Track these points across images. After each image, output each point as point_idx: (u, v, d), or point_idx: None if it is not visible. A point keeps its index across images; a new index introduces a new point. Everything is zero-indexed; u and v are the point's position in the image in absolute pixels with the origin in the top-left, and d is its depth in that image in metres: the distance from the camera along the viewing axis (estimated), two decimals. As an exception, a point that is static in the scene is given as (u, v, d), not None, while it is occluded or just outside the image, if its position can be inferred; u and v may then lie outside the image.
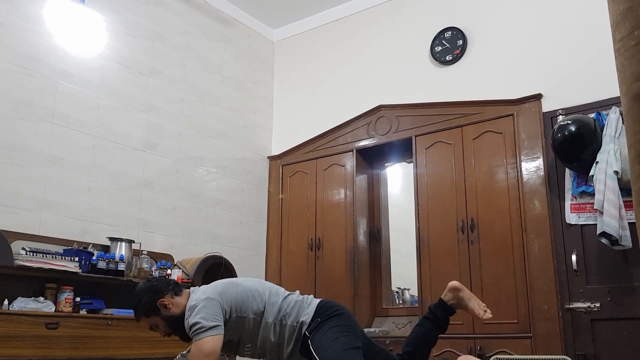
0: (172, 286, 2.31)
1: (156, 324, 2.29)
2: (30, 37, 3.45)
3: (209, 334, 2.07)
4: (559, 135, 3.25)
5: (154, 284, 2.31)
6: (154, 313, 2.26)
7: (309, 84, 5.05)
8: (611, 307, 3.22)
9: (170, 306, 2.25)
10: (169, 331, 2.30)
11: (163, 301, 2.25)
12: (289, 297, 2.34)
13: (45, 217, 3.34)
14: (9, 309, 2.77)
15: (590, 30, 3.57)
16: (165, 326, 2.28)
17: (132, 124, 3.95)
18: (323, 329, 2.20)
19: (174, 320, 2.25)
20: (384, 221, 4.50)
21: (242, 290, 2.26)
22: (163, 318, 2.26)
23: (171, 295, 2.27)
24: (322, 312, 2.26)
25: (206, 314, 2.10)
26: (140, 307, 2.28)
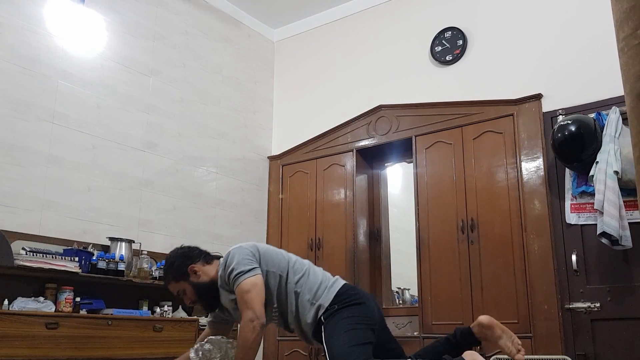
0: (204, 255, 2.36)
1: (184, 289, 2.32)
2: (30, 37, 3.45)
3: (246, 276, 2.15)
4: (559, 135, 3.26)
5: (187, 250, 2.36)
6: (183, 278, 2.30)
7: (309, 84, 5.05)
8: (611, 307, 3.22)
9: (200, 273, 2.29)
10: (195, 298, 2.33)
11: (194, 267, 2.29)
12: (313, 270, 2.32)
13: (45, 217, 3.34)
14: (9, 309, 2.77)
15: (590, 30, 3.57)
16: (192, 292, 2.31)
17: (132, 124, 3.95)
18: (337, 317, 2.17)
19: (201, 288, 2.29)
20: (384, 221, 4.50)
21: (271, 249, 2.34)
22: (191, 284, 2.29)
23: (202, 263, 2.32)
24: (341, 299, 2.21)
25: (241, 260, 2.18)
26: (170, 271, 2.33)
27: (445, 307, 3.72)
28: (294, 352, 4.30)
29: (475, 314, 3.59)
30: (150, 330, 3.25)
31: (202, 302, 2.34)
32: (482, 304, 3.58)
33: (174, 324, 3.41)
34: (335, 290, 2.25)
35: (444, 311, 3.71)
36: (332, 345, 2.10)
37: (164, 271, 2.39)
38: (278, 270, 2.27)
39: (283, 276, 2.27)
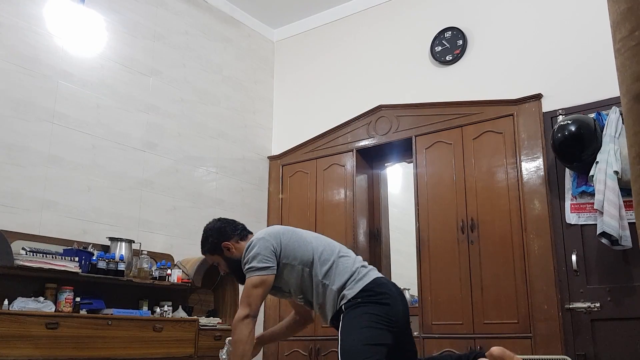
0: (239, 231, 2.45)
1: (218, 262, 2.47)
2: (30, 37, 3.45)
3: (258, 273, 2.24)
4: (559, 135, 3.25)
5: (223, 226, 2.45)
6: (218, 252, 2.43)
7: (309, 84, 5.05)
8: (611, 307, 3.22)
9: (233, 250, 2.40)
10: (228, 271, 2.48)
11: (227, 244, 2.41)
12: (343, 260, 2.29)
13: (45, 217, 3.34)
14: (9, 309, 2.77)
15: (590, 30, 3.57)
16: (226, 266, 2.45)
17: (132, 124, 3.95)
18: (358, 310, 2.15)
19: (233, 263, 2.41)
20: (384, 221, 4.50)
21: (297, 239, 2.33)
22: (224, 259, 2.43)
23: (236, 240, 2.42)
24: (366, 294, 2.18)
25: (259, 254, 2.24)
26: (206, 245, 2.46)
27: (445, 307, 3.72)
28: (294, 352, 4.30)
29: (475, 314, 3.60)
30: (150, 330, 3.25)
31: (234, 275, 2.47)
32: (482, 304, 3.58)
33: (174, 324, 3.41)
34: (363, 284, 2.21)
35: (444, 311, 3.71)
36: (345, 338, 2.10)
37: (201, 243, 2.49)
38: (300, 264, 2.29)
39: (306, 269, 2.28)
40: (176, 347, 3.37)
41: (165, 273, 3.57)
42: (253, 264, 2.24)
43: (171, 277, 3.60)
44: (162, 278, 3.55)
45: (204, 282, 3.77)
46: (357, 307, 2.16)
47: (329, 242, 2.39)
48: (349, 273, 2.24)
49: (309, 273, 2.28)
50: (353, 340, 2.07)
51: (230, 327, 3.81)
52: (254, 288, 2.24)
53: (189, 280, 3.65)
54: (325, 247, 2.33)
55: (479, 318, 3.57)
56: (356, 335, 2.08)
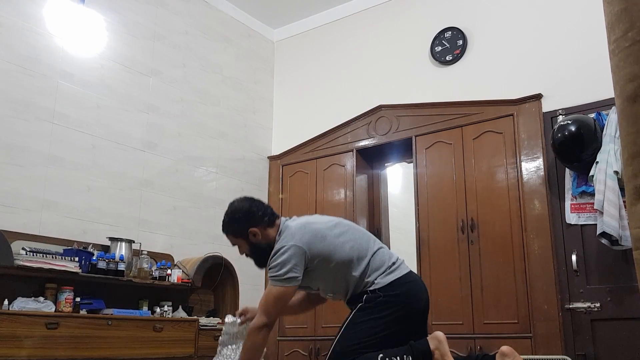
0: (267, 217, 2.32)
1: (240, 245, 2.37)
2: (30, 37, 3.46)
3: (283, 284, 2.16)
4: (559, 135, 3.25)
5: (253, 211, 2.32)
6: (242, 236, 2.33)
7: (309, 84, 5.05)
8: (611, 307, 3.22)
9: (259, 236, 2.30)
10: (250, 255, 2.37)
11: (254, 230, 2.30)
12: (379, 255, 2.27)
13: (45, 217, 3.34)
14: (9, 309, 2.77)
15: (590, 30, 3.57)
16: (248, 249, 2.35)
17: (132, 124, 3.96)
18: (375, 310, 2.16)
19: (256, 248, 2.32)
20: (384, 221, 4.50)
21: (331, 242, 2.23)
22: (248, 243, 2.33)
23: (264, 226, 2.31)
24: (391, 291, 2.18)
25: (288, 263, 2.16)
26: (231, 226, 2.35)
27: (445, 307, 3.72)
28: (294, 352, 4.31)
29: (475, 314, 3.60)
30: (150, 330, 3.25)
31: (254, 259, 2.38)
32: (482, 304, 3.58)
33: (174, 324, 3.41)
34: (394, 277, 2.22)
35: (444, 311, 3.71)
36: (348, 334, 2.15)
37: (225, 222, 2.37)
38: (335, 267, 2.23)
39: (342, 270, 2.23)
40: (176, 347, 3.37)
41: (165, 273, 3.57)
42: (280, 273, 2.16)
43: (171, 277, 3.60)
44: (162, 278, 3.55)
45: (204, 282, 3.78)
46: (375, 306, 2.17)
47: (362, 236, 2.32)
48: (383, 267, 2.23)
49: (344, 273, 2.24)
50: (353, 340, 2.12)
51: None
52: (276, 299, 2.18)
53: (189, 280, 3.65)
54: (360, 245, 2.27)
55: (479, 318, 3.57)
56: (359, 336, 2.12)
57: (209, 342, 3.58)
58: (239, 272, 4.02)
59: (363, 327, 2.15)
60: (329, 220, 2.35)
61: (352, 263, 2.23)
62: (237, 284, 3.98)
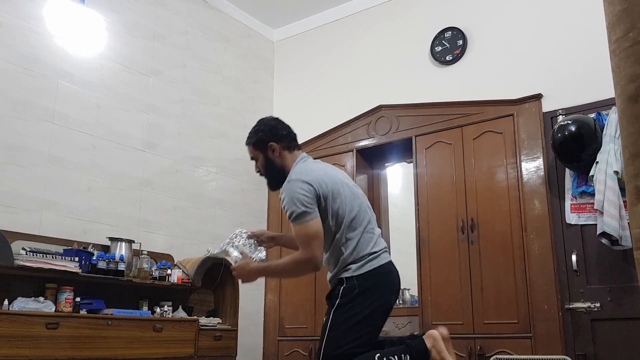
0: (289, 140, 2.42)
1: (257, 157, 2.44)
2: (30, 37, 3.46)
3: (309, 217, 2.19)
4: (559, 135, 3.25)
5: (278, 127, 2.43)
6: (262, 149, 2.41)
7: (309, 84, 5.05)
8: (611, 307, 3.22)
9: (277, 153, 2.39)
10: (263, 171, 2.45)
11: (274, 145, 2.38)
12: (366, 237, 2.29)
13: (45, 217, 3.34)
14: (9, 309, 2.77)
15: (590, 30, 3.57)
16: (263, 165, 2.43)
17: (132, 124, 3.96)
18: (354, 303, 2.18)
19: (271, 165, 2.41)
20: (384, 221, 4.50)
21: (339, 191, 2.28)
22: (265, 158, 2.41)
23: (284, 146, 2.40)
24: (368, 280, 2.21)
25: (304, 199, 2.20)
26: (254, 137, 2.44)
27: (445, 307, 3.72)
28: (294, 352, 4.31)
29: (475, 314, 3.60)
30: (150, 330, 3.25)
31: (267, 177, 2.46)
32: (482, 304, 3.58)
33: (174, 324, 3.41)
34: (374, 265, 2.24)
35: (444, 311, 3.71)
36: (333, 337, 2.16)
37: (250, 132, 2.47)
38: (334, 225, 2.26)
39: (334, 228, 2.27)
40: (176, 347, 3.37)
41: (165, 273, 3.57)
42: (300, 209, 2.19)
43: (171, 277, 3.60)
44: (162, 278, 3.55)
45: (204, 282, 3.78)
46: (353, 300, 2.19)
47: (363, 208, 2.35)
48: (365, 252, 2.26)
49: (334, 233, 2.28)
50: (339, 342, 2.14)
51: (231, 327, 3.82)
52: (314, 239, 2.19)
53: (189, 280, 3.65)
54: (357, 214, 2.30)
55: (479, 318, 3.57)
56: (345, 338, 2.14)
57: (209, 342, 3.59)
58: (239, 272, 4.01)
59: (346, 326, 2.16)
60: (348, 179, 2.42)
61: (345, 227, 2.26)
62: (237, 284, 3.97)
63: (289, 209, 2.24)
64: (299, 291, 4.44)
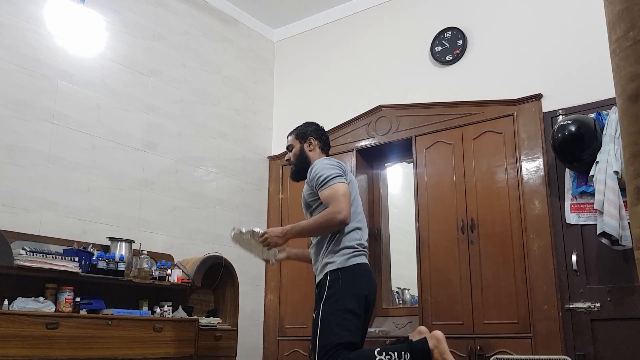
0: (326, 144, 2.79)
1: (294, 146, 2.78)
2: (30, 37, 3.46)
3: (339, 180, 2.43)
4: (559, 135, 3.25)
5: (322, 132, 2.81)
6: (301, 140, 2.76)
7: (309, 84, 5.05)
8: (611, 307, 3.22)
9: (313, 148, 2.74)
10: (293, 159, 2.78)
11: (312, 139, 2.75)
12: (355, 233, 2.50)
13: (45, 217, 3.34)
14: (9, 309, 2.77)
15: (590, 30, 3.57)
16: (296, 154, 2.76)
17: (132, 124, 3.96)
18: (340, 294, 2.33)
19: (302, 156, 2.74)
20: (384, 221, 4.50)
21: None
22: (301, 149, 2.75)
23: (321, 145, 2.76)
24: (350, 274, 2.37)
25: (333, 168, 2.49)
26: (300, 128, 2.81)
27: (445, 307, 3.72)
28: (294, 352, 4.31)
29: (475, 314, 3.60)
30: (150, 330, 3.25)
31: (294, 166, 2.77)
32: (482, 304, 3.58)
33: (174, 324, 3.41)
34: (350, 263, 2.41)
35: (444, 311, 3.71)
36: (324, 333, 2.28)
37: (299, 125, 2.83)
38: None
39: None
40: (176, 347, 3.37)
41: (165, 273, 3.57)
42: (331, 173, 2.43)
43: (171, 277, 3.60)
44: (162, 278, 3.55)
45: (204, 282, 3.78)
46: (336, 293, 2.34)
47: (360, 209, 2.59)
48: (350, 247, 2.44)
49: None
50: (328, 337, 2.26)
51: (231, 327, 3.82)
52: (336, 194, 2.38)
53: (189, 280, 3.65)
54: (354, 211, 2.52)
55: (479, 318, 3.57)
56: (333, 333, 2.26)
57: (209, 342, 3.59)
58: (239, 272, 4.02)
59: (337, 316, 2.29)
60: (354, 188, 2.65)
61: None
62: (237, 284, 3.98)
63: (319, 176, 2.45)
64: (299, 291, 4.44)
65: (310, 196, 2.57)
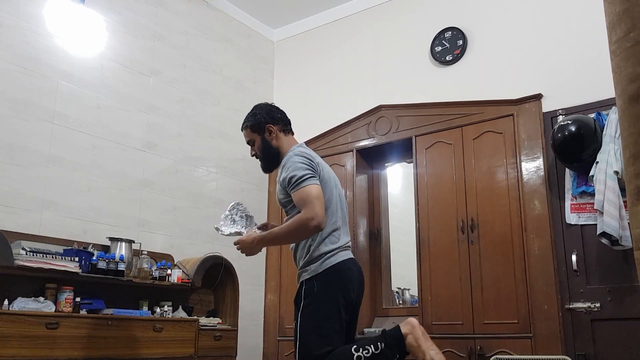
0: (284, 123, 2.51)
1: (254, 140, 2.52)
2: (30, 37, 3.46)
3: (311, 181, 2.22)
4: (559, 136, 3.25)
5: (274, 111, 2.52)
6: (259, 131, 2.49)
7: (309, 84, 5.04)
8: (611, 307, 3.22)
9: (274, 135, 2.47)
10: (259, 154, 2.53)
11: (271, 127, 2.47)
12: (334, 235, 2.33)
13: (45, 217, 3.34)
14: (9, 309, 2.77)
15: (590, 30, 3.57)
16: (260, 147, 2.50)
17: (132, 124, 3.96)
18: (316, 303, 2.22)
19: (268, 147, 2.48)
20: (384, 221, 4.50)
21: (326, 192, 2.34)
22: (262, 140, 2.49)
23: (280, 129, 2.48)
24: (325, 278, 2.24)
25: (305, 166, 2.27)
26: (250, 120, 2.51)
27: (445, 307, 3.72)
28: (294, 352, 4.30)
29: (475, 314, 3.60)
30: (150, 330, 3.25)
31: (263, 160, 2.54)
32: (482, 304, 3.58)
33: (174, 324, 3.41)
34: (328, 265, 2.27)
35: (444, 311, 3.71)
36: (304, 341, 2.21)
37: (246, 116, 2.54)
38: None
39: None
40: (176, 347, 3.37)
41: (165, 273, 3.57)
42: (304, 174, 2.23)
43: (171, 277, 3.60)
44: (162, 278, 3.55)
45: (204, 282, 3.78)
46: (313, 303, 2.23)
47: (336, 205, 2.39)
48: (323, 251, 2.28)
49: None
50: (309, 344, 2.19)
51: (231, 327, 3.82)
52: (309, 196, 2.20)
53: (189, 280, 3.65)
54: (330, 209, 2.34)
55: (479, 318, 3.57)
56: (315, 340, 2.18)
57: (209, 342, 3.59)
58: (239, 272, 4.02)
59: (315, 326, 2.19)
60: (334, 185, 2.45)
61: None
62: (237, 284, 3.98)
63: (290, 177, 2.25)
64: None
65: (284, 196, 2.38)
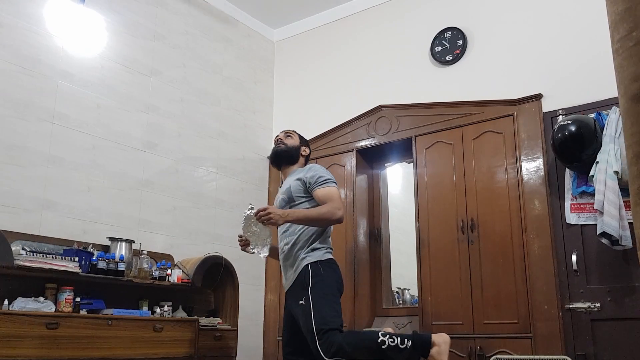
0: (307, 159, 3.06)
1: (293, 139, 3.01)
2: (30, 37, 3.46)
3: (336, 185, 2.74)
4: (559, 136, 3.25)
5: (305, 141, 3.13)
6: (302, 143, 3.03)
7: (309, 84, 5.05)
8: (611, 307, 3.22)
9: (305, 153, 3.02)
10: (287, 144, 2.96)
11: (308, 149, 3.06)
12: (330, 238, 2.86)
13: (45, 217, 3.34)
14: (9, 309, 2.77)
15: (590, 30, 3.57)
16: (294, 145, 2.97)
17: (132, 124, 3.95)
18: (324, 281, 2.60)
19: (295, 150, 2.97)
20: (384, 221, 4.50)
21: None
22: (298, 146, 2.98)
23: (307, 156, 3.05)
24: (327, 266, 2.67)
25: (330, 176, 2.78)
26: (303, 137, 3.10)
27: (445, 307, 3.72)
28: (294, 352, 4.30)
29: (475, 314, 3.60)
30: (150, 330, 3.25)
31: (282, 152, 2.94)
32: (482, 304, 3.58)
33: (174, 324, 3.41)
34: (328, 256, 2.71)
35: (444, 311, 3.71)
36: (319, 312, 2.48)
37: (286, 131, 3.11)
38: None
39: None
40: (176, 347, 3.37)
41: (165, 273, 3.57)
42: (329, 177, 2.74)
43: (171, 277, 3.60)
44: (162, 278, 3.54)
45: (204, 282, 3.77)
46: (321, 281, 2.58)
47: None
48: (325, 247, 2.74)
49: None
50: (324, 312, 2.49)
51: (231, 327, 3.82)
52: (336, 194, 2.70)
53: (189, 280, 3.65)
54: None
55: (479, 318, 3.57)
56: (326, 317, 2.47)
57: (209, 342, 3.59)
58: (239, 272, 4.02)
59: (327, 300, 2.50)
60: None
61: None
62: (237, 284, 3.97)
63: (319, 176, 2.71)
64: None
65: (299, 192, 2.76)
